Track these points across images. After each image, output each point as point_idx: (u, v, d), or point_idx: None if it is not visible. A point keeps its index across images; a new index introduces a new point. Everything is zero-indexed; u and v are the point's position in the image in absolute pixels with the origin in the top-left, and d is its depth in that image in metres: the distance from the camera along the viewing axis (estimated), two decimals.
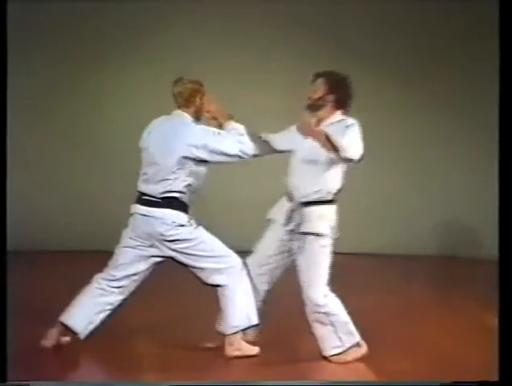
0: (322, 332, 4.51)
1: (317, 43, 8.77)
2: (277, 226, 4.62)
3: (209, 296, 4.62)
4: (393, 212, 8.79)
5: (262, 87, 8.93)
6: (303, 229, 4.50)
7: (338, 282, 4.85)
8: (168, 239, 4.51)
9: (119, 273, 4.64)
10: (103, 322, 4.63)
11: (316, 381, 4.17)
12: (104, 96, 8.89)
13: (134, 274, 4.61)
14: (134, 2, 8.61)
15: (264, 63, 8.87)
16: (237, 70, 8.73)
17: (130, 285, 4.65)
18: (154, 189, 4.57)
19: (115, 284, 4.65)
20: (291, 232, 4.54)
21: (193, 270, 4.62)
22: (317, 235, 4.47)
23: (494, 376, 3.62)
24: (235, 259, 4.62)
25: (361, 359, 4.50)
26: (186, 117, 4.61)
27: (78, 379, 4.05)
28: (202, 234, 4.58)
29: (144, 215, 4.59)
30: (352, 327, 4.51)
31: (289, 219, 4.56)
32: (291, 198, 4.59)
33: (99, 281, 4.69)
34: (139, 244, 4.60)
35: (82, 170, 8.94)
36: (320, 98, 4.54)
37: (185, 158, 4.47)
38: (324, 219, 4.49)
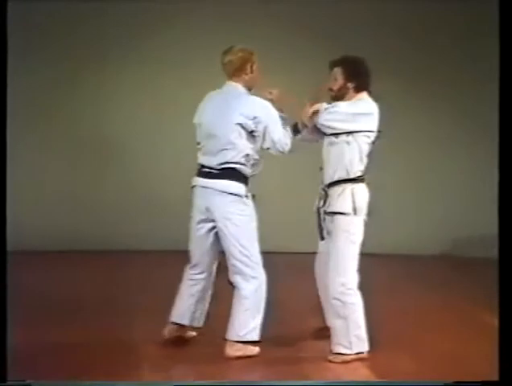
0: (335, 325, 4.51)
1: (317, 43, 8.77)
2: (317, 215, 4.64)
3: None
4: (393, 212, 8.77)
5: (262, 86, 8.93)
6: (328, 209, 4.53)
7: None
8: (224, 214, 4.47)
9: (194, 258, 4.69)
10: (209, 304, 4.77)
11: (316, 381, 4.17)
12: (104, 96, 8.89)
13: (204, 253, 4.63)
14: (133, 2, 8.61)
15: (264, 63, 8.86)
16: None
17: (208, 264, 4.68)
18: (213, 160, 4.54)
19: (196, 270, 4.68)
20: (324, 215, 4.57)
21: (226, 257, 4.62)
22: (338, 213, 4.47)
23: (494, 376, 3.62)
24: (261, 273, 4.60)
25: (361, 359, 4.50)
26: (238, 86, 4.60)
27: (78, 379, 4.05)
28: (251, 226, 4.55)
29: (203, 187, 4.56)
30: (364, 334, 4.50)
31: (320, 204, 4.59)
32: (322, 183, 4.63)
33: (187, 272, 4.76)
34: (198, 219, 4.60)
35: (82, 170, 8.94)
36: (340, 88, 4.62)
37: (239, 126, 4.46)
38: (344, 198, 4.48)
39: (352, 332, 4.45)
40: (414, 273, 7.96)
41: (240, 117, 4.47)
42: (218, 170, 4.52)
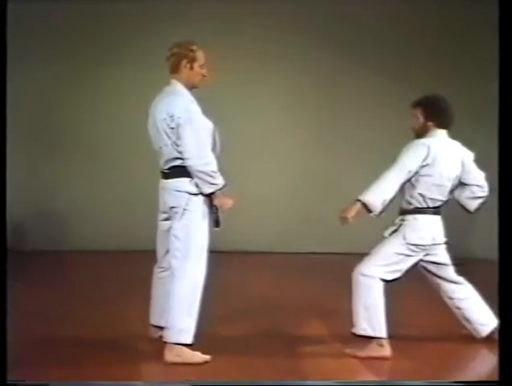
0: (355, 305, 4.60)
1: (317, 44, 8.77)
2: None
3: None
4: (393, 212, 8.77)
5: (262, 87, 8.94)
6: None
7: (338, 282, 4.85)
8: (175, 210, 4.40)
9: (158, 256, 4.65)
10: None
11: (316, 381, 4.16)
12: (103, 97, 8.90)
13: (167, 251, 4.53)
14: (133, 2, 8.61)
15: (263, 63, 8.87)
16: (237, 70, 8.73)
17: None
18: (160, 160, 4.49)
19: (161, 268, 4.64)
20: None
21: None
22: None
23: (494, 376, 3.62)
24: (194, 270, 4.37)
25: (361, 359, 4.51)
26: (177, 84, 4.46)
27: (76, 378, 4.05)
28: (196, 222, 4.39)
29: (162, 188, 4.52)
30: (381, 320, 4.57)
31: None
32: None
33: (154, 272, 4.72)
34: (160, 218, 4.57)
35: (82, 171, 8.95)
36: (421, 127, 4.84)
37: (164, 123, 4.35)
38: (400, 226, 4.81)
39: (370, 316, 4.57)
40: (414, 273, 7.94)
41: (163, 113, 4.36)
42: (166, 169, 4.46)
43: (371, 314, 4.58)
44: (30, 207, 8.69)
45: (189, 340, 4.36)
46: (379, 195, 4.65)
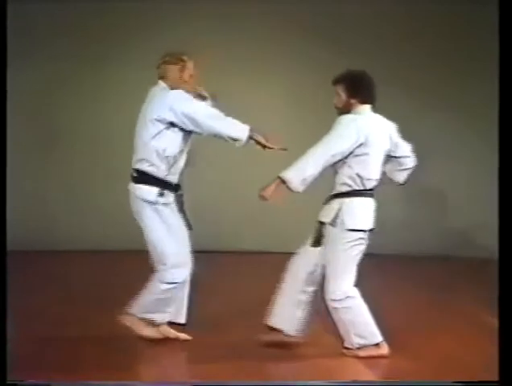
0: (342, 327, 4.53)
1: (317, 44, 8.77)
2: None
3: None
4: (392, 212, 8.78)
5: (262, 87, 8.94)
6: (321, 219, 4.60)
7: None
8: (137, 217, 4.49)
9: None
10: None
11: (316, 381, 4.16)
12: (103, 96, 8.90)
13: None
14: (134, 2, 8.61)
15: (263, 63, 8.87)
16: (237, 70, 8.74)
17: None
18: (133, 161, 4.53)
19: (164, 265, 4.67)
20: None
21: None
22: (331, 225, 4.52)
23: (494, 376, 3.62)
24: (174, 275, 4.52)
25: (360, 359, 4.51)
26: (162, 84, 4.52)
27: (77, 379, 4.05)
28: (159, 230, 4.49)
29: (131, 191, 4.58)
30: (372, 328, 4.52)
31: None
32: None
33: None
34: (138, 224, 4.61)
35: (82, 171, 8.95)
36: (345, 104, 4.63)
37: (154, 120, 4.37)
38: (339, 211, 4.53)
39: (354, 331, 4.50)
40: (415, 273, 7.95)
41: (156, 111, 4.38)
42: (135, 172, 4.50)
43: (361, 328, 4.52)
44: (29, 207, 8.68)
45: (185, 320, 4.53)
46: (299, 172, 4.45)
